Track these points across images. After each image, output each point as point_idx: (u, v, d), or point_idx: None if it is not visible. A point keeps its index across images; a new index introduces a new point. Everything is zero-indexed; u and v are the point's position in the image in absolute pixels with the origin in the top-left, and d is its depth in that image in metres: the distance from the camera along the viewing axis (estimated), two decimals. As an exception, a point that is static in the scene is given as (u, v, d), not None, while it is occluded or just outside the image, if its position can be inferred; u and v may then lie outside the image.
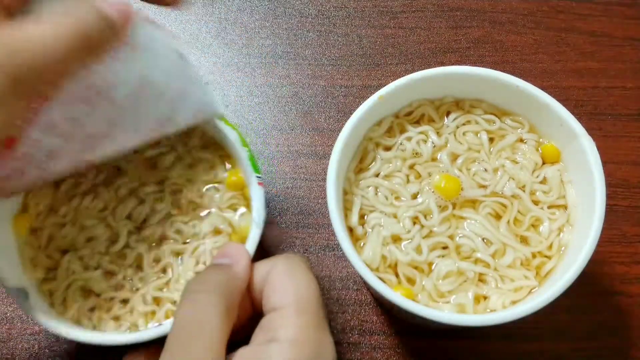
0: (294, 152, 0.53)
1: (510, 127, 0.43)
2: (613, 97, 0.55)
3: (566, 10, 0.59)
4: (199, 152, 0.42)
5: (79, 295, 0.39)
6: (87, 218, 0.40)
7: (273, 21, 0.59)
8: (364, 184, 0.41)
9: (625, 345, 0.46)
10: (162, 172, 0.42)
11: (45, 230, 0.40)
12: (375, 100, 0.41)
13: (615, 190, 0.51)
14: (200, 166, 0.42)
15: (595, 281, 0.48)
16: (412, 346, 0.46)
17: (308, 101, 0.55)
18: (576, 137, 0.39)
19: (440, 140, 0.42)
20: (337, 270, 0.49)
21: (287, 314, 0.29)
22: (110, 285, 0.39)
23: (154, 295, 0.39)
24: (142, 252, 0.40)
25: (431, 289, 0.38)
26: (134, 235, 0.40)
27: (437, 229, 0.39)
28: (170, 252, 0.40)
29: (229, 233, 0.40)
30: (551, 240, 0.39)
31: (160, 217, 0.41)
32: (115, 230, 0.40)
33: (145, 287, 0.39)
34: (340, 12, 0.59)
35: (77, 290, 0.39)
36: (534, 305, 0.35)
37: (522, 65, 0.57)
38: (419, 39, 0.58)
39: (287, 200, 0.51)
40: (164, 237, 0.40)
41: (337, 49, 0.58)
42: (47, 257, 0.40)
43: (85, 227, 0.40)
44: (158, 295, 0.39)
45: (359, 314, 0.47)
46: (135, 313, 0.39)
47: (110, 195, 0.41)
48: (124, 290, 0.39)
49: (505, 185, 0.41)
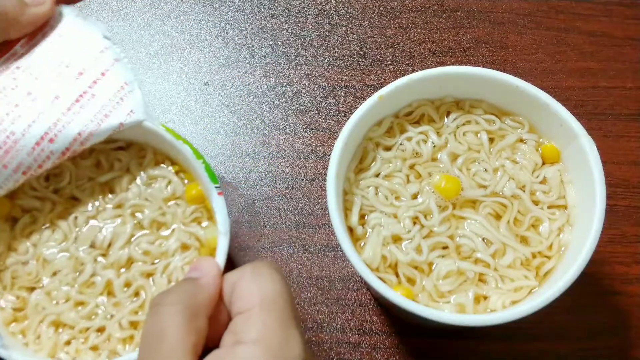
0: (294, 152, 0.53)
1: (510, 127, 0.43)
2: (613, 97, 0.55)
3: (566, 10, 0.59)
4: (154, 169, 0.42)
5: (53, 331, 0.38)
6: (49, 252, 0.40)
7: (273, 21, 0.59)
8: (364, 184, 0.41)
9: (625, 345, 0.46)
10: (119, 195, 0.41)
11: (8, 271, 0.40)
12: (375, 100, 0.41)
13: (615, 190, 0.51)
14: (157, 184, 0.41)
15: (595, 281, 0.48)
16: (412, 346, 0.46)
17: (308, 101, 0.55)
18: (576, 137, 0.39)
19: (440, 141, 0.42)
20: (337, 270, 0.49)
21: (251, 315, 0.30)
22: (82, 316, 0.38)
23: (130, 320, 0.38)
24: (111, 278, 0.39)
25: (431, 289, 0.38)
26: (100, 262, 0.40)
27: (437, 229, 0.39)
28: (141, 274, 0.39)
29: (197, 247, 0.40)
30: (551, 240, 0.39)
31: (124, 240, 0.40)
32: (80, 260, 0.40)
33: (119, 313, 0.38)
34: (341, 12, 0.59)
35: (51, 326, 0.39)
36: (534, 305, 0.35)
37: (522, 65, 0.57)
38: (419, 39, 0.58)
39: (287, 200, 0.51)
40: (132, 260, 0.40)
41: (337, 49, 0.58)
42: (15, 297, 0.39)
43: (48, 261, 0.40)
44: (134, 319, 0.38)
45: (359, 314, 0.47)
46: (113, 340, 0.38)
47: (70, 226, 0.40)
48: (98, 318, 0.38)
49: (505, 185, 0.41)
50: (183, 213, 0.41)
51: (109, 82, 0.39)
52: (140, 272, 0.39)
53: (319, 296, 0.48)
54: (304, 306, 0.47)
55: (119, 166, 0.42)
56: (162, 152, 0.42)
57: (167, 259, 0.40)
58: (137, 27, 0.58)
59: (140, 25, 0.58)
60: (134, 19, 0.59)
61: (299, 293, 0.48)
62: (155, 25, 0.58)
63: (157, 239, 0.40)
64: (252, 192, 0.51)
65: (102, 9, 0.59)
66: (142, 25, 0.58)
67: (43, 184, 0.41)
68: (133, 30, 0.58)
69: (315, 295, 0.48)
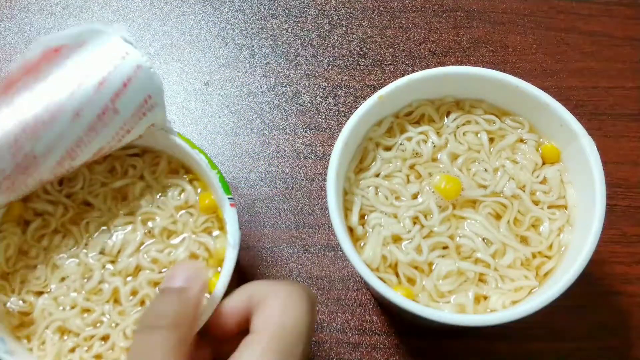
0: (294, 152, 0.53)
1: (511, 127, 0.43)
2: (613, 97, 0.55)
3: (566, 10, 0.59)
4: (168, 178, 0.42)
5: (58, 337, 0.38)
6: (58, 257, 0.40)
7: (273, 21, 0.59)
8: (364, 184, 0.41)
9: (625, 345, 0.46)
10: (132, 203, 0.41)
11: (17, 275, 0.39)
12: (375, 100, 0.41)
13: (615, 191, 0.51)
14: (170, 192, 0.41)
15: (595, 281, 0.48)
16: (412, 346, 0.46)
17: (308, 101, 0.55)
18: (576, 137, 0.39)
19: (441, 141, 0.42)
20: (338, 270, 0.49)
21: (260, 338, 0.29)
22: (88, 323, 0.38)
23: (134, 329, 0.37)
24: (119, 286, 0.39)
25: (431, 289, 0.38)
26: (109, 269, 0.39)
27: (437, 229, 0.39)
28: (148, 283, 0.39)
29: (205, 257, 0.40)
30: (551, 240, 0.39)
31: (133, 247, 0.40)
32: (89, 266, 0.39)
33: (124, 322, 0.38)
34: (341, 12, 0.59)
35: (56, 332, 0.38)
36: (534, 305, 0.35)
37: (522, 65, 0.57)
38: (419, 39, 0.58)
39: (287, 200, 0.51)
40: (140, 268, 0.39)
41: (337, 49, 0.58)
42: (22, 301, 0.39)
43: (57, 267, 0.39)
44: None
45: (359, 314, 0.47)
46: (117, 349, 0.38)
47: (81, 232, 0.40)
48: (103, 326, 0.38)
49: (505, 185, 0.41)
50: (195, 222, 0.41)
51: (131, 94, 0.36)
52: (147, 280, 0.39)
53: (319, 296, 0.48)
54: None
55: (133, 173, 0.42)
56: (177, 160, 0.42)
57: None
58: (137, 27, 0.58)
59: (140, 25, 0.58)
60: (134, 19, 0.59)
61: (299, 293, 0.48)
62: (155, 25, 0.58)
63: (166, 247, 0.40)
64: (252, 192, 0.51)
65: (102, 9, 0.59)
66: (142, 25, 0.58)
67: (56, 188, 0.41)
68: (133, 30, 0.58)
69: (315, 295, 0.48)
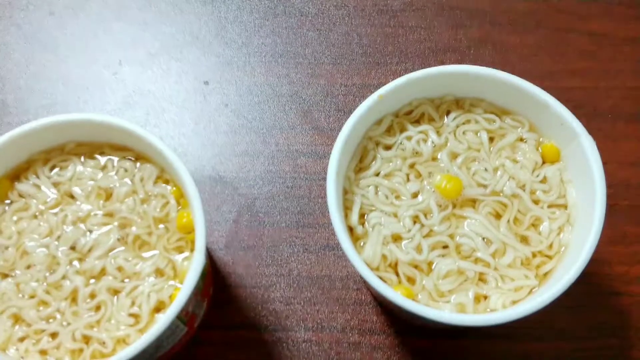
0: (294, 151, 0.53)
1: (511, 126, 0.43)
2: (613, 97, 0.55)
3: (566, 10, 0.59)
4: (154, 187, 0.41)
5: (11, 324, 0.38)
6: (30, 243, 0.40)
7: (273, 20, 0.59)
8: (364, 183, 0.41)
9: (625, 345, 0.46)
10: (114, 204, 0.41)
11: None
12: (375, 99, 0.40)
13: (615, 191, 0.51)
14: (154, 202, 0.41)
15: (595, 281, 0.48)
16: (412, 346, 0.46)
17: (308, 100, 0.55)
18: (576, 136, 0.39)
19: (440, 140, 0.42)
20: (337, 269, 0.48)
21: None
22: (41, 316, 0.38)
23: (84, 333, 0.38)
24: (79, 286, 0.38)
25: (431, 289, 0.38)
26: (75, 266, 0.39)
27: (438, 228, 0.39)
28: (107, 289, 0.39)
29: (170, 276, 0.39)
30: (551, 239, 0.39)
31: (104, 250, 0.39)
32: (57, 259, 0.39)
33: (76, 323, 0.38)
34: (340, 10, 0.59)
35: (10, 318, 0.38)
36: (534, 305, 0.35)
37: (522, 65, 0.57)
38: (419, 38, 0.58)
39: (287, 200, 0.51)
40: (104, 272, 0.39)
41: (337, 48, 0.57)
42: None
43: (27, 253, 0.39)
44: (87, 333, 0.38)
45: (359, 313, 0.47)
46: (62, 349, 0.37)
47: (57, 223, 0.40)
48: (55, 323, 0.38)
49: (505, 184, 0.41)
50: (169, 239, 0.40)
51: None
52: (107, 286, 0.39)
53: (319, 296, 0.48)
54: (304, 306, 0.47)
55: (123, 175, 0.42)
56: (167, 172, 0.42)
57: (137, 281, 0.39)
58: (137, 27, 0.58)
59: (140, 25, 0.58)
60: (134, 19, 0.59)
61: (299, 293, 0.48)
62: (155, 25, 0.58)
63: (135, 257, 0.40)
64: (252, 192, 0.51)
65: (102, 9, 0.59)
66: (142, 25, 0.58)
67: (46, 174, 0.41)
68: (133, 30, 0.58)
69: (315, 295, 0.48)
